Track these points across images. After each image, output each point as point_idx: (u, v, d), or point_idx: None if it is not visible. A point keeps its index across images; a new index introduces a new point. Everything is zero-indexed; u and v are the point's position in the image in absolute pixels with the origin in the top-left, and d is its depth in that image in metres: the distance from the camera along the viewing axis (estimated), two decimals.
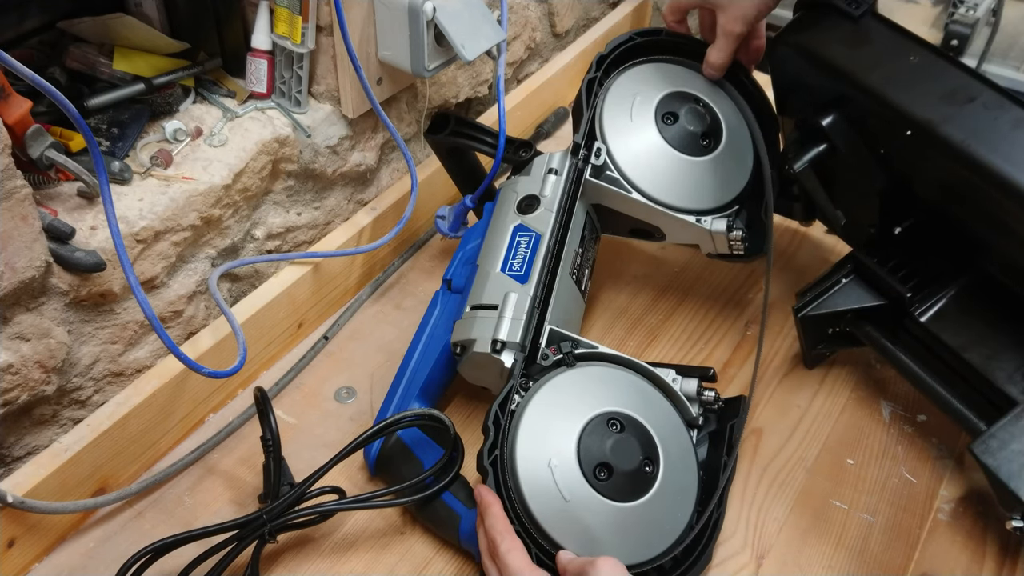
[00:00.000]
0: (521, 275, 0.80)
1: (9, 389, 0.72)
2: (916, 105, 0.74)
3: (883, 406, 0.88)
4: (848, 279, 0.85)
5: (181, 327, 0.87)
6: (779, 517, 0.79)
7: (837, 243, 1.03)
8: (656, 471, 0.72)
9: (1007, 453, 0.71)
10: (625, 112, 0.88)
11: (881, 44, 0.78)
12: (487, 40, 0.90)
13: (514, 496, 0.68)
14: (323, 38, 0.89)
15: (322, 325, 0.96)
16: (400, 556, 0.76)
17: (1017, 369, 0.76)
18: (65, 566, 0.74)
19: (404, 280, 1.02)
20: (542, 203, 0.85)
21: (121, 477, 0.79)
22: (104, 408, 0.77)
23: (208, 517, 0.78)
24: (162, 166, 0.82)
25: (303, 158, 0.93)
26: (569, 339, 0.78)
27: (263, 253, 0.94)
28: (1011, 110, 0.71)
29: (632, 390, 0.76)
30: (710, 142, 0.88)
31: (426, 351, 0.84)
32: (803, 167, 0.82)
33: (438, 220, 0.97)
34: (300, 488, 0.72)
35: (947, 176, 0.76)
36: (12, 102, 0.68)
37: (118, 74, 0.85)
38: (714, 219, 0.86)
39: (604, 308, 0.98)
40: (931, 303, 0.81)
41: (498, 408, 0.71)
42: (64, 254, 0.72)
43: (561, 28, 1.31)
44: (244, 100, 0.91)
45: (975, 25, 1.31)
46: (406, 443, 0.79)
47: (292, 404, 0.88)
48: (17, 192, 0.66)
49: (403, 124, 1.05)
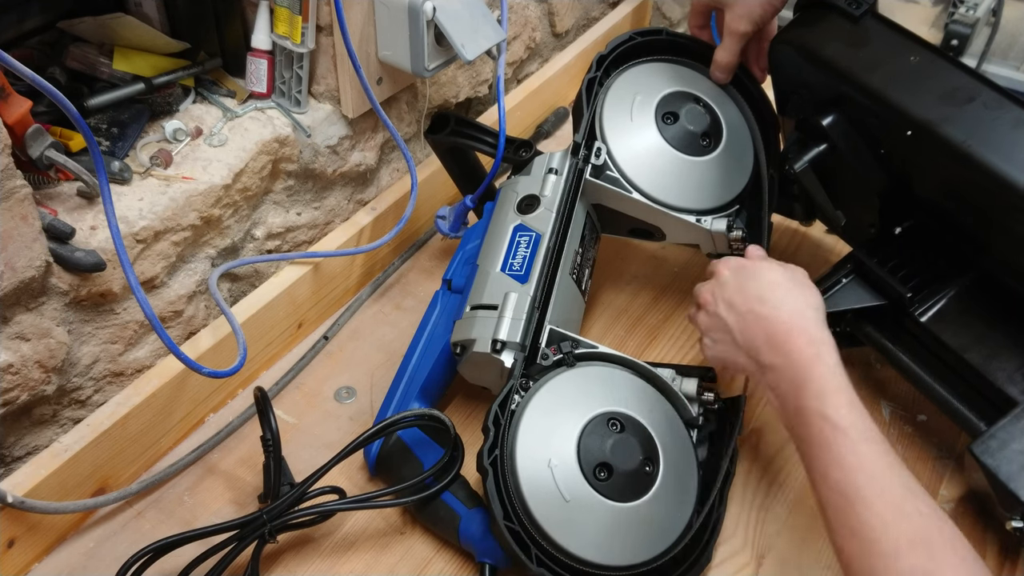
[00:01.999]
0: (521, 275, 0.80)
1: (9, 389, 0.72)
2: (916, 105, 0.74)
3: (883, 406, 0.88)
4: (848, 279, 0.85)
5: (181, 327, 0.87)
6: (779, 517, 0.79)
7: (837, 243, 1.03)
8: (656, 471, 0.72)
9: (1007, 453, 0.71)
10: (625, 112, 0.88)
11: (881, 44, 0.78)
12: (487, 40, 0.90)
13: (514, 496, 0.68)
14: (323, 38, 0.89)
15: (322, 325, 0.96)
16: (400, 556, 0.76)
17: (1017, 369, 0.76)
18: (65, 566, 0.74)
19: (404, 280, 1.02)
20: (542, 203, 0.85)
21: (121, 477, 0.79)
22: (104, 408, 0.77)
23: (208, 517, 0.78)
24: (162, 166, 0.82)
25: (303, 158, 0.93)
26: (569, 339, 0.78)
27: (263, 253, 0.94)
28: (1011, 110, 0.71)
29: (632, 390, 0.76)
30: (710, 142, 0.88)
31: (426, 351, 0.84)
32: (803, 167, 0.82)
33: (438, 220, 0.97)
34: (300, 488, 0.72)
35: (947, 176, 0.76)
36: (12, 102, 0.68)
37: (118, 74, 0.85)
38: (714, 219, 0.86)
39: (604, 308, 0.98)
40: (931, 303, 0.81)
41: (498, 408, 0.71)
42: (64, 254, 0.72)
43: (561, 28, 1.31)
44: (244, 100, 0.90)
45: (975, 25, 1.30)
46: (406, 443, 0.79)
47: (292, 404, 0.88)
48: (17, 192, 0.66)
49: (403, 124, 1.05)
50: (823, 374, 0.64)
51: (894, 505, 0.57)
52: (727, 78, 0.90)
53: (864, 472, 0.59)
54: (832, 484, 0.60)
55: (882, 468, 0.59)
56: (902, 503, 0.57)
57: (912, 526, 0.56)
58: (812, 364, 0.65)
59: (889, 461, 0.60)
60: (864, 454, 0.60)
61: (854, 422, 0.62)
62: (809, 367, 0.65)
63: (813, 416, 0.63)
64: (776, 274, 0.72)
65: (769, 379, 0.68)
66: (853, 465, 0.60)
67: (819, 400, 0.63)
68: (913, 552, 0.55)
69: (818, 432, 0.62)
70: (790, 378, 0.66)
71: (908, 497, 0.58)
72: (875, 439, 0.61)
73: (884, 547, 0.56)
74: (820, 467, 0.62)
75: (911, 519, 0.57)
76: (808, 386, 0.64)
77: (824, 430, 0.62)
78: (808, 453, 0.64)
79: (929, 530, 0.56)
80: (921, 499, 0.58)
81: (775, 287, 0.70)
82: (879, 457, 0.60)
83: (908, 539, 0.56)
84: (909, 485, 0.59)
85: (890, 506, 0.57)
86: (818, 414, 0.63)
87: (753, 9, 0.84)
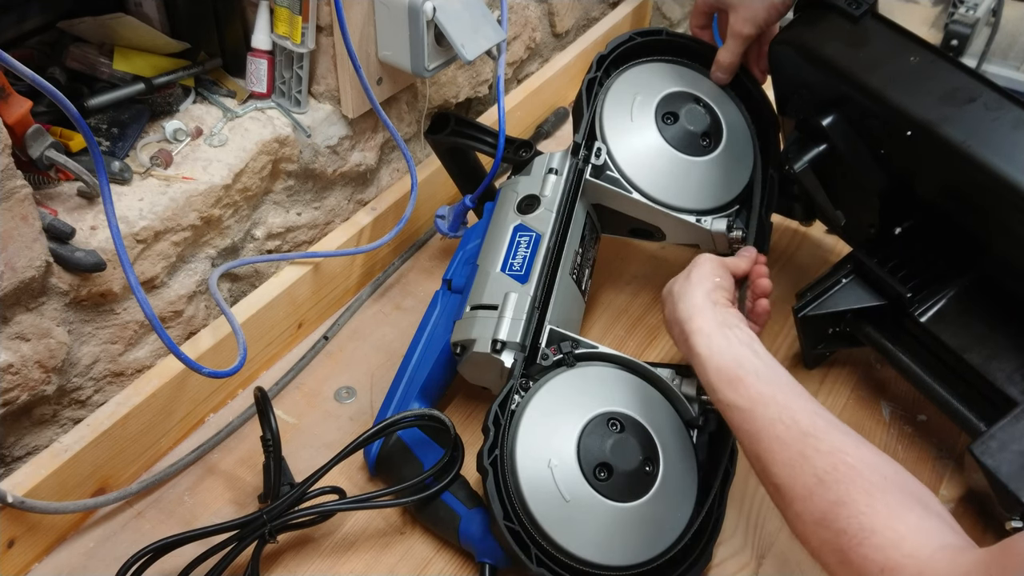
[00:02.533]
0: (521, 275, 0.80)
1: (9, 389, 0.72)
2: (916, 105, 0.74)
3: (883, 406, 0.88)
4: (848, 279, 0.85)
5: (181, 327, 0.87)
6: (779, 517, 0.79)
7: (837, 243, 1.03)
8: (656, 471, 0.72)
9: (1007, 453, 0.70)
10: (625, 112, 0.88)
11: (881, 44, 0.78)
12: (487, 40, 0.90)
13: (514, 496, 0.68)
14: (323, 38, 0.89)
15: (322, 325, 0.96)
16: (400, 556, 0.76)
17: (1017, 369, 0.76)
18: (65, 566, 0.74)
19: (404, 280, 1.02)
20: (542, 203, 0.85)
21: (121, 477, 0.79)
22: (104, 408, 0.77)
23: (208, 517, 0.78)
24: (162, 166, 0.82)
25: (303, 158, 0.93)
26: (569, 339, 0.78)
27: (263, 253, 0.94)
28: (1011, 110, 0.71)
29: (632, 390, 0.76)
30: (710, 142, 0.88)
31: (426, 351, 0.84)
32: (803, 167, 0.82)
33: (438, 220, 0.97)
34: (300, 488, 0.72)
35: (947, 176, 0.76)
36: (12, 102, 0.68)
37: (118, 74, 0.85)
38: (714, 219, 0.86)
39: (604, 308, 0.98)
40: (931, 303, 0.81)
41: (498, 408, 0.71)
42: (64, 254, 0.72)
43: (561, 28, 1.31)
44: (244, 100, 0.90)
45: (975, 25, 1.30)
46: (406, 443, 0.79)
47: (292, 404, 0.88)
48: (17, 192, 0.66)
49: (403, 124, 1.05)
50: (699, 363, 0.67)
51: (794, 451, 0.59)
52: (728, 79, 0.90)
53: (761, 433, 0.61)
54: (750, 456, 0.62)
55: (774, 424, 0.61)
56: (800, 447, 0.59)
57: (814, 465, 0.57)
58: (691, 356, 0.68)
59: (777, 415, 0.61)
60: (757, 419, 0.62)
61: (739, 395, 0.63)
62: (692, 360, 0.68)
63: (719, 407, 0.65)
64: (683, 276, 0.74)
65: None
66: (751, 432, 0.62)
67: (709, 390, 0.66)
68: (823, 488, 0.56)
69: (727, 418, 0.65)
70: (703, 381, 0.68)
71: (803, 439, 0.59)
72: (760, 398, 0.62)
73: (798, 491, 0.58)
74: (741, 447, 0.64)
75: (811, 459, 0.58)
76: (701, 379, 0.67)
77: (724, 414, 0.65)
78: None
79: (832, 462, 0.57)
80: (818, 435, 0.59)
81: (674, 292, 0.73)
82: (768, 414, 0.61)
83: (816, 477, 0.57)
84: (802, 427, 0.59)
85: (791, 454, 0.59)
86: (717, 403, 0.65)
87: (757, 12, 0.84)
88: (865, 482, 0.55)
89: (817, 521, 0.56)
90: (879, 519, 0.53)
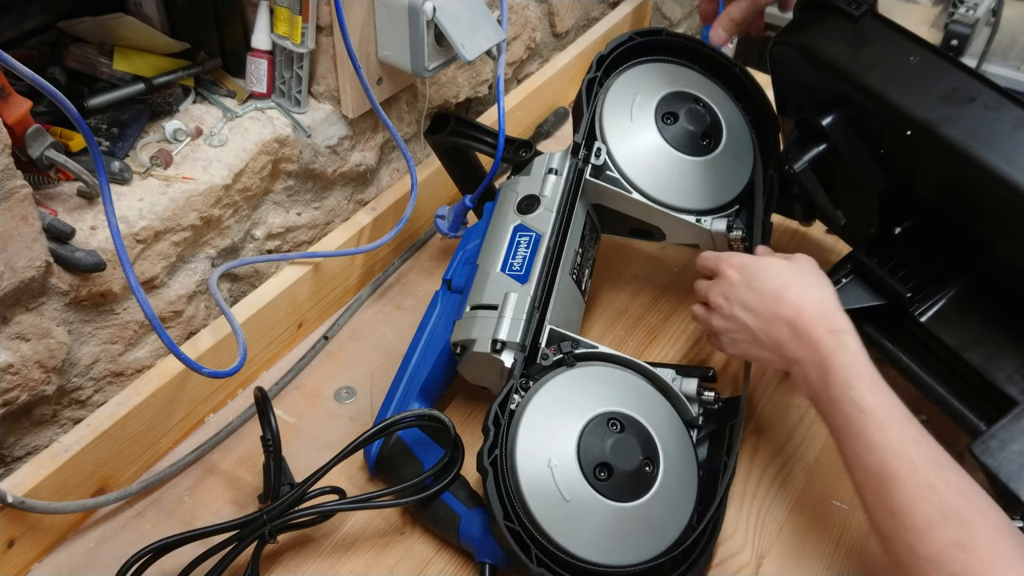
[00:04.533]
0: (521, 275, 0.80)
1: (9, 389, 0.72)
2: (916, 105, 0.74)
3: None
4: (848, 279, 0.85)
5: (181, 327, 0.87)
6: (779, 517, 0.79)
7: (837, 243, 1.03)
8: (656, 471, 0.72)
9: (1007, 453, 0.70)
10: (625, 112, 0.88)
11: (881, 44, 0.78)
12: (487, 40, 0.90)
13: (514, 496, 0.68)
14: (323, 38, 0.89)
15: (322, 325, 0.96)
16: (400, 556, 0.76)
17: (1017, 369, 0.76)
18: (65, 566, 0.74)
19: (404, 280, 1.02)
20: (542, 203, 0.85)
21: (121, 477, 0.79)
22: (104, 408, 0.77)
23: (208, 517, 0.78)
24: (162, 166, 0.82)
25: (303, 158, 0.93)
26: (569, 339, 0.78)
27: (263, 253, 0.94)
28: (1011, 110, 0.71)
29: (632, 390, 0.77)
30: (710, 142, 0.88)
31: (426, 351, 0.84)
32: (803, 167, 0.82)
33: (438, 220, 0.97)
34: (300, 488, 0.72)
35: (947, 176, 0.76)
36: (12, 102, 0.68)
37: (118, 74, 0.85)
38: (714, 219, 0.86)
39: (604, 308, 0.98)
40: (931, 303, 0.81)
41: (498, 408, 0.71)
42: (64, 254, 0.72)
43: (561, 28, 1.31)
44: (244, 100, 0.91)
45: (975, 25, 1.31)
46: (406, 443, 0.79)
47: (292, 404, 0.88)
48: (17, 192, 0.66)
49: (403, 124, 1.05)
50: (845, 362, 0.66)
51: (924, 480, 0.58)
52: (727, 38, 0.91)
53: (891, 450, 0.61)
54: (865, 467, 0.62)
55: (909, 445, 0.61)
56: (931, 478, 0.58)
57: (942, 499, 0.57)
58: (834, 353, 0.67)
59: (915, 437, 0.61)
60: (891, 433, 0.62)
61: (879, 404, 0.64)
62: (832, 356, 0.67)
63: (840, 403, 0.65)
64: (785, 271, 0.73)
65: (796, 372, 0.70)
66: (881, 445, 0.61)
67: (844, 387, 0.65)
68: (946, 525, 0.56)
69: (846, 418, 0.64)
70: (816, 369, 0.68)
71: (937, 471, 0.59)
72: (900, 417, 0.63)
73: (916, 522, 0.57)
74: (852, 452, 0.64)
75: (940, 493, 0.58)
76: (833, 375, 0.66)
77: (851, 415, 0.64)
78: (840, 439, 0.66)
79: (959, 502, 0.57)
80: (950, 471, 0.59)
81: (789, 286, 0.72)
82: (906, 435, 0.62)
83: (940, 512, 0.57)
84: (937, 459, 0.60)
85: (920, 482, 0.58)
86: (845, 401, 0.65)
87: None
88: (990, 529, 0.56)
89: (931, 558, 0.56)
90: (996, 571, 0.54)
